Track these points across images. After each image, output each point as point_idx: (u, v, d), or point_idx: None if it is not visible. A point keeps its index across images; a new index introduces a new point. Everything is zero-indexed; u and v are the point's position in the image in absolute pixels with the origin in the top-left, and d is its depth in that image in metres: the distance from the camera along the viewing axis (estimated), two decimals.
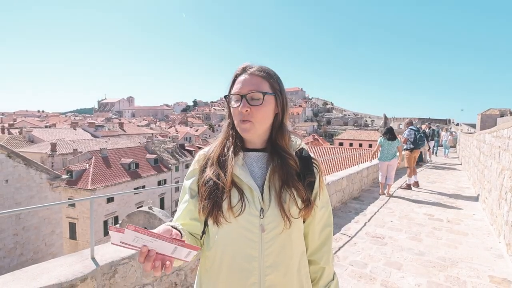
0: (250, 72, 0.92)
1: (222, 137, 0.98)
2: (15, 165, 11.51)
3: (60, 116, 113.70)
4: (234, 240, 0.87)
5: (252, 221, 0.86)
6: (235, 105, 0.91)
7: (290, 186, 0.88)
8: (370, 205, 5.72)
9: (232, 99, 0.92)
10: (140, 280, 2.20)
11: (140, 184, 26.27)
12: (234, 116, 0.92)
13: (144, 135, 46.43)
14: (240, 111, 0.88)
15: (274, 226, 0.86)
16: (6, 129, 39.66)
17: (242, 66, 0.95)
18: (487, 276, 3.00)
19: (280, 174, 0.90)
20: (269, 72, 0.94)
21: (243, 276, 0.86)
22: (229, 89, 0.95)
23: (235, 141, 0.94)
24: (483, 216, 5.03)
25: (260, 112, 0.89)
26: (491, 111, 40.62)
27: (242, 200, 0.86)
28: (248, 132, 0.90)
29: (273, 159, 0.92)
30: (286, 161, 0.91)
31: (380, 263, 3.29)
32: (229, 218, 0.85)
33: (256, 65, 0.94)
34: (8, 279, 1.70)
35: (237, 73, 0.94)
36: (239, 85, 0.90)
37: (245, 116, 0.88)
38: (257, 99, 0.89)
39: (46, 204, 2.09)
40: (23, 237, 11.63)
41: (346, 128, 77.88)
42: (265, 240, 0.86)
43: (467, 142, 10.53)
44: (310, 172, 0.95)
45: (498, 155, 4.36)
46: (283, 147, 0.94)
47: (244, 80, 0.91)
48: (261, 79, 0.91)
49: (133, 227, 0.65)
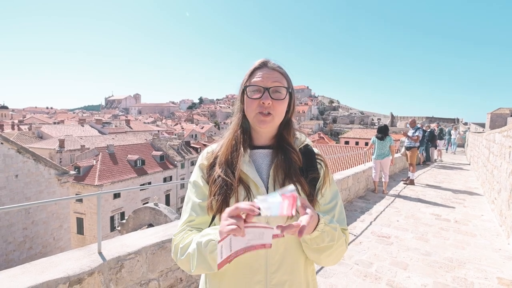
0: (271, 67, 0.92)
1: (230, 134, 0.97)
2: (24, 160, 11.73)
3: (68, 112, 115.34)
4: None
5: (257, 217, 0.85)
6: (255, 96, 0.90)
7: (294, 180, 0.88)
8: (376, 204, 5.68)
9: (249, 91, 0.91)
10: (146, 275, 2.22)
11: (146, 181, 26.51)
12: (251, 108, 0.90)
13: (150, 132, 46.79)
14: (261, 103, 0.88)
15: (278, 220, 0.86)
16: (16, 125, 40.43)
17: (261, 60, 0.95)
18: (495, 277, 2.95)
19: (284, 168, 0.90)
20: (285, 71, 0.96)
21: (249, 273, 0.86)
22: (245, 82, 0.93)
23: (243, 138, 0.94)
24: (491, 217, 4.95)
25: (281, 106, 0.90)
26: (501, 110, 39.72)
27: (248, 197, 0.86)
28: (267, 124, 0.90)
29: (277, 154, 0.93)
30: (289, 155, 0.92)
31: (385, 263, 3.26)
32: None
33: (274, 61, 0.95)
34: (18, 272, 1.73)
35: (256, 67, 0.93)
36: (261, 78, 0.90)
37: (266, 109, 0.88)
38: (280, 93, 0.90)
39: (54, 199, 2.12)
40: (32, 231, 11.87)
41: (352, 127, 77.31)
42: None
43: (476, 142, 10.34)
44: (313, 168, 0.94)
45: (508, 155, 4.28)
46: (288, 141, 0.95)
47: (267, 74, 0.90)
48: (281, 75, 0.92)
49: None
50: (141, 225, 8.79)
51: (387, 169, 6.65)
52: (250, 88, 0.91)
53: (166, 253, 2.36)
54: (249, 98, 0.91)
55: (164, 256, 2.34)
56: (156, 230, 2.56)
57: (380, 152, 6.56)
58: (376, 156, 6.58)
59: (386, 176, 6.63)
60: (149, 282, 2.25)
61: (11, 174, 11.23)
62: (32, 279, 1.64)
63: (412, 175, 7.60)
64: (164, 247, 2.35)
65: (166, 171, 29.27)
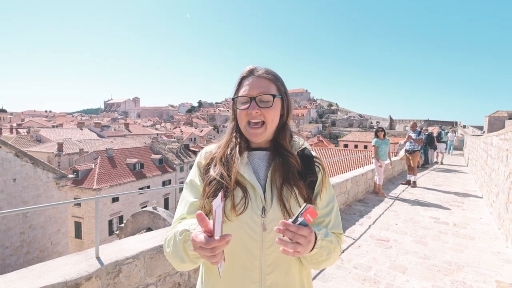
0: (257, 75, 0.92)
1: (227, 137, 0.98)
2: (22, 164, 11.68)
3: (67, 116, 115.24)
4: (236, 239, 0.86)
5: (254, 219, 0.86)
6: (242, 107, 0.91)
7: (292, 184, 0.88)
8: (375, 208, 5.68)
9: (238, 102, 0.92)
10: (144, 280, 2.21)
11: (145, 184, 26.42)
12: (240, 119, 0.92)
13: (149, 135, 46.79)
14: (249, 113, 0.89)
15: (275, 224, 0.85)
16: (14, 129, 40.33)
17: (248, 68, 0.95)
18: (494, 281, 2.95)
19: (281, 172, 0.90)
20: (275, 75, 0.95)
21: (244, 274, 0.87)
22: (235, 91, 0.94)
23: (240, 141, 0.94)
24: (490, 220, 4.96)
25: (270, 113, 0.90)
26: (499, 113, 39.92)
27: (245, 199, 0.86)
28: (259, 136, 0.90)
29: (275, 158, 0.93)
30: (287, 159, 0.92)
31: (384, 266, 3.25)
32: (231, 216, 0.84)
33: (263, 68, 0.94)
34: (14, 277, 1.72)
35: (243, 76, 0.94)
36: (247, 88, 0.90)
37: (255, 118, 0.89)
38: (267, 101, 0.90)
39: (52, 204, 2.12)
40: (29, 235, 11.78)
41: (351, 130, 77.35)
42: (266, 239, 0.86)
43: (474, 145, 10.38)
44: (311, 171, 0.94)
45: (506, 158, 4.30)
46: (285, 146, 0.94)
47: (252, 83, 0.91)
48: (268, 81, 0.92)
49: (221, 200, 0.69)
50: (139, 229, 8.75)
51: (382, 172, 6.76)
52: (238, 100, 0.93)
53: (164, 258, 2.35)
54: (238, 110, 0.92)
55: (162, 261, 2.34)
56: (154, 234, 2.55)
57: (384, 153, 6.67)
58: (381, 158, 6.65)
59: (381, 179, 6.71)
60: (147, 287, 2.24)
61: (9, 178, 11.17)
62: (29, 285, 1.63)
63: (414, 177, 7.75)
64: (162, 251, 2.34)
65: (165, 175, 29.18)
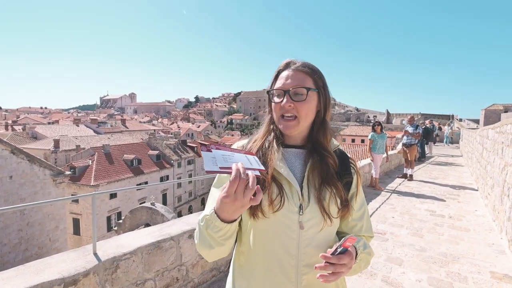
0: (293, 68, 0.91)
1: (265, 130, 0.96)
2: (19, 161, 11.61)
3: (63, 112, 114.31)
4: (271, 237, 0.84)
5: (290, 217, 0.84)
6: (277, 100, 0.89)
7: (330, 185, 0.87)
8: (371, 201, 5.72)
9: (274, 95, 0.91)
10: (142, 275, 2.22)
11: (142, 180, 26.42)
12: (275, 112, 0.91)
13: (146, 131, 46.52)
14: (282, 106, 0.87)
15: (313, 223, 0.84)
16: (9, 126, 39.96)
17: (285, 61, 0.94)
18: (488, 272, 3.00)
19: (320, 171, 0.88)
20: (313, 68, 0.92)
21: (280, 273, 0.85)
22: (271, 84, 0.93)
23: (277, 136, 0.93)
24: (485, 212, 5.02)
25: (304, 108, 0.87)
26: (495, 106, 40.16)
27: (281, 195, 0.83)
28: (291, 129, 0.88)
29: (312, 156, 0.91)
30: (326, 159, 0.89)
31: (381, 259, 3.29)
32: (267, 213, 0.82)
33: (300, 61, 0.92)
34: (12, 274, 1.72)
35: (280, 69, 0.93)
36: (282, 81, 0.89)
37: (288, 111, 0.87)
38: (301, 94, 0.87)
39: (50, 200, 2.11)
40: (27, 232, 11.78)
41: (348, 124, 77.43)
42: (303, 237, 0.84)
43: (470, 138, 10.46)
44: (347, 172, 0.93)
45: (501, 151, 4.33)
46: (324, 145, 0.91)
47: (288, 76, 0.89)
48: (305, 74, 0.89)
49: (214, 146, 0.66)
50: (138, 225, 8.76)
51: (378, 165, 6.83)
52: (273, 92, 0.91)
53: (162, 253, 2.36)
54: (273, 103, 0.91)
55: (160, 256, 2.35)
56: (151, 230, 2.56)
57: (381, 147, 6.74)
58: (377, 151, 6.72)
59: (377, 172, 6.76)
60: (145, 282, 2.25)
61: (5, 176, 11.11)
62: (27, 281, 1.64)
63: (411, 170, 7.84)
64: (160, 246, 2.35)
65: (163, 171, 29.19)
